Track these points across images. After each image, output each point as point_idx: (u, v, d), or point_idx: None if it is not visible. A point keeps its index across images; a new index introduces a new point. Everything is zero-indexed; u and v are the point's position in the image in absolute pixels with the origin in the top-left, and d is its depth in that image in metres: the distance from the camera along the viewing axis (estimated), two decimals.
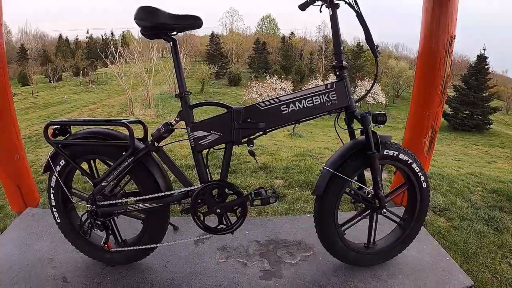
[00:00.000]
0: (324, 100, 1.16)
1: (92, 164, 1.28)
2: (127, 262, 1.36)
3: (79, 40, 44.96)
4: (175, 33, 1.14)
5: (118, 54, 17.25)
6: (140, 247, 1.27)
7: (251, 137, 1.18)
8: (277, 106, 1.14)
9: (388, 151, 1.23)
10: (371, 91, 1.47)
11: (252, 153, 1.19)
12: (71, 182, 1.33)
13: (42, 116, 16.09)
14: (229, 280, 1.26)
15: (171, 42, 1.13)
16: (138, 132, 1.18)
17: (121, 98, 20.31)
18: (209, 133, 1.16)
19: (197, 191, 1.19)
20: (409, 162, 1.27)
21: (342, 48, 1.15)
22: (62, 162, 1.23)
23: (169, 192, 1.21)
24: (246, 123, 1.14)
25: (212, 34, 39.12)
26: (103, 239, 1.26)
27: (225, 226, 1.24)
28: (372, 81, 1.33)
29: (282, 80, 20.95)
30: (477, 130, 19.35)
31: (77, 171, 1.26)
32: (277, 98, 1.16)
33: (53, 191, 1.27)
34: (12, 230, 1.64)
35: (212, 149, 1.20)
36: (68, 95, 24.60)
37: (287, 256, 1.43)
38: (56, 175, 1.23)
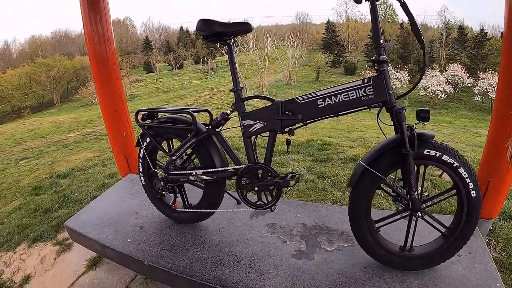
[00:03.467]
0: (361, 95, 1.20)
1: (171, 142, 1.69)
2: (190, 222, 1.73)
3: None
4: (229, 38, 1.38)
5: (233, 43, 19.24)
6: (199, 210, 1.62)
7: (291, 127, 1.32)
8: (313, 100, 1.25)
9: (429, 151, 1.19)
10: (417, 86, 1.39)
11: (288, 142, 1.35)
12: (155, 155, 1.77)
13: (163, 99, 19.48)
14: (265, 252, 1.47)
15: (226, 46, 1.38)
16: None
17: None
18: (255, 122, 1.37)
19: (241, 169, 1.43)
20: (454, 165, 1.19)
21: (382, 41, 1.16)
22: (147, 140, 1.66)
23: (222, 168, 1.49)
24: (285, 115, 1.30)
25: (328, 22, 38.84)
26: (171, 200, 1.66)
27: (262, 203, 1.45)
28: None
29: (398, 70, 19.66)
30: None
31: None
32: (314, 93, 1.26)
33: (141, 161, 1.74)
34: (115, 188, 2.29)
35: (260, 135, 1.41)
36: (188, 81, 28.66)
37: (325, 243, 1.52)
38: (143, 149, 1.69)
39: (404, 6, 1.12)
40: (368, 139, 4.78)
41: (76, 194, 3.20)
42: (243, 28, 1.36)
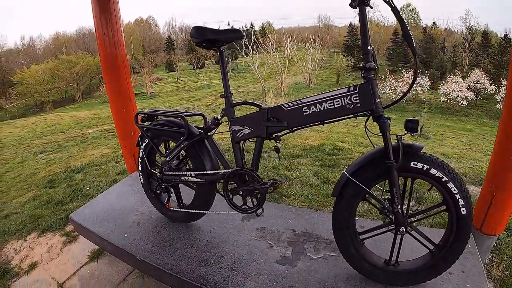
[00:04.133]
0: (346, 103, 1.19)
1: (168, 144, 1.78)
2: (183, 221, 1.82)
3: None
4: (221, 44, 1.44)
5: (253, 45, 19.40)
6: (190, 211, 1.70)
7: (277, 134, 1.36)
8: (299, 107, 1.27)
9: (416, 163, 1.16)
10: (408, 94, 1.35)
11: (277, 150, 1.39)
12: (154, 155, 1.87)
13: (182, 98, 19.94)
14: (250, 255, 1.53)
15: (218, 52, 1.45)
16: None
17: (257, 86, 22.70)
18: (243, 128, 1.42)
19: (228, 173, 1.50)
20: (443, 180, 1.15)
21: (370, 48, 1.14)
22: (146, 141, 1.76)
23: (212, 172, 1.57)
24: (271, 121, 1.33)
25: (350, 25, 38.82)
26: (166, 199, 1.75)
27: (247, 207, 1.51)
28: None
29: (419, 75, 19.66)
30: None
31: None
32: (300, 100, 1.28)
33: (140, 160, 1.84)
34: (120, 185, 2.41)
35: (248, 141, 1.46)
36: (209, 81, 29.16)
37: (312, 250, 1.56)
38: (142, 149, 1.79)
39: (395, 11, 1.11)
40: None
41: (88, 188, 3.38)
42: (234, 35, 1.43)
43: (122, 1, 2.47)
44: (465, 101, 19.14)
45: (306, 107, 1.26)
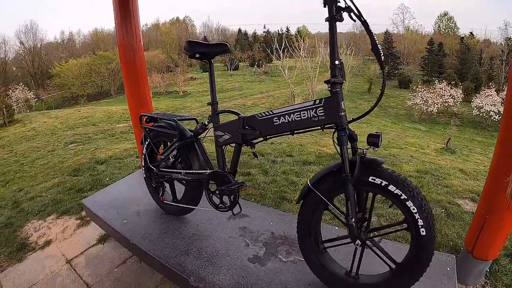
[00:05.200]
0: (311, 115, 1.24)
1: (168, 143, 2.02)
2: (176, 214, 2.05)
3: (257, 34, 53.16)
4: (212, 56, 1.66)
5: (284, 49, 19.66)
6: (180, 205, 1.93)
7: (252, 141, 1.50)
8: (270, 117, 1.36)
9: (374, 178, 1.17)
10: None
11: (254, 155, 1.56)
12: (156, 153, 2.12)
13: None
14: (226, 250, 1.71)
15: (208, 64, 1.67)
16: None
17: (288, 90, 22.93)
18: (224, 134, 1.60)
19: (208, 174, 1.69)
20: (402, 197, 1.14)
21: (337, 62, 1.16)
22: (148, 140, 2.02)
23: (198, 171, 1.77)
24: (245, 129, 1.46)
25: (386, 32, 38.60)
26: (161, 193, 2.00)
27: (223, 206, 1.69)
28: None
29: (452, 87, 18.66)
30: None
31: None
32: (271, 111, 1.37)
33: (143, 157, 2.11)
34: (131, 177, 2.71)
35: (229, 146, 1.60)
36: (241, 83, 29.71)
37: (284, 253, 1.69)
38: (144, 147, 2.05)
39: (365, 25, 1.13)
40: (399, 157, 4.72)
41: (107, 179, 3.74)
42: (221, 48, 1.65)
43: (160, 1, 2.77)
44: (498, 115, 18.09)
45: (277, 118, 1.34)
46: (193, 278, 1.51)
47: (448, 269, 1.51)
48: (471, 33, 37.13)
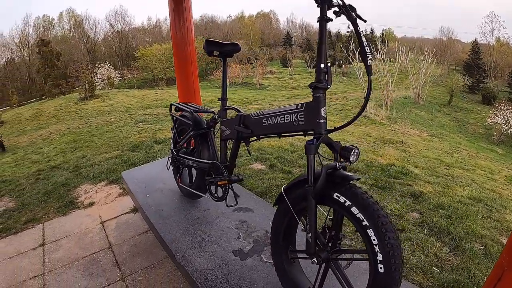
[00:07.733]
0: (293, 120, 1.25)
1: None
2: (188, 197, 2.32)
3: (340, 33, 52.08)
4: (227, 54, 1.86)
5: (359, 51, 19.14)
6: (190, 189, 2.19)
7: (247, 139, 1.59)
8: (260, 118, 1.42)
9: (338, 195, 1.10)
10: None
11: (248, 152, 1.72)
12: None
13: (287, 94, 20.89)
14: (217, 238, 1.90)
15: (222, 60, 1.88)
16: None
17: (363, 94, 22.16)
18: (226, 129, 1.76)
19: (208, 165, 1.89)
20: (364, 223, 1.03)
21: (323, 65, 1.14)
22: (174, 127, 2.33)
23: (205, 160, 1.98)
24: (240, 127, 1.56)
25: (474, 42, 34.90)
26: (178, 175, 2.29)
27: (217, 195, 1.88)
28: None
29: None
30: None
31: None
32: (262, 111, 1.44)
33: (171, 141, 2.43)
34: (164, 159, 3.10)
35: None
36: None
37: (267, 254, 1.74)
38: (172, 133, 2.36)
39: (355, 25, 1.13)
40: (458, 179, 4.31)
41: (158, 158, 4.29)
42: (233, 48, 1.85)
43: None
44: None
45: (265, 118, 1.39)
46: (179, 255, 1.75)
47: None
48: None
